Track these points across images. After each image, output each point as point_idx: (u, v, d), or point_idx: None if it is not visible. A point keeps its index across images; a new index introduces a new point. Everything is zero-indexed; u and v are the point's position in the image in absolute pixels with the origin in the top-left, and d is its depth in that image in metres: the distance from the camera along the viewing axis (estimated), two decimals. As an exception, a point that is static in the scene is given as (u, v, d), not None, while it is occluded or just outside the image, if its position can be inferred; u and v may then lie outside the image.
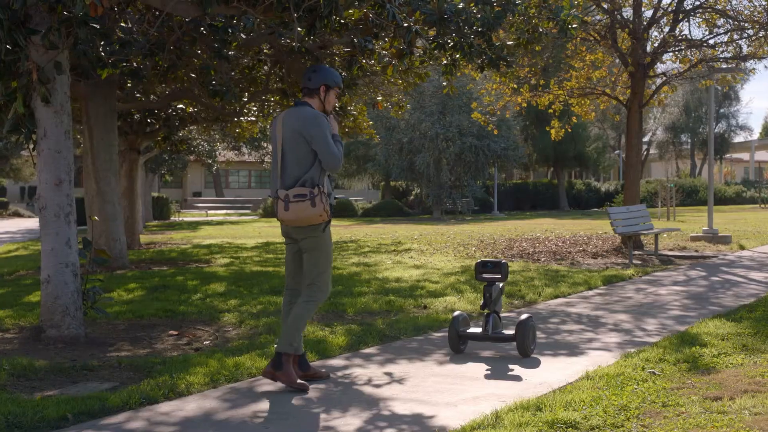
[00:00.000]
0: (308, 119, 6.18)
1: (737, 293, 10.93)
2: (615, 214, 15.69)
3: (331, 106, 6.48)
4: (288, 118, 6.28)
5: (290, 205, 6.06)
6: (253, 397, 6.01)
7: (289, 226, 6.24)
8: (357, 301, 10.22)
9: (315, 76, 6.42)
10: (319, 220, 6.13)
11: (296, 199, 6.07)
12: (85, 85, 14.17)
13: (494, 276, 7.45)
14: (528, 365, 6.93)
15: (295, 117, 6.25)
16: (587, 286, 11.80)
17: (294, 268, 6.49)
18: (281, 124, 6.29)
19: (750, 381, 5.97)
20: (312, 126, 6.14)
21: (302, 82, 6.47)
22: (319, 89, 6.39)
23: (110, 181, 14.59)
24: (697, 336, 7.74)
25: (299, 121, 6.20)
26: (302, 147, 6.16)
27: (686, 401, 5.50)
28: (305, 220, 6.11)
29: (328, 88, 6.43)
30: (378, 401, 5.87)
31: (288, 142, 6.22)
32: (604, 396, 5.63)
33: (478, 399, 5.83)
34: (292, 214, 6.08)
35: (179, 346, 8.02)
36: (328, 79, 6.43)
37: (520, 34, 13.12)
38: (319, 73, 6.45)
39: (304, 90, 6.43)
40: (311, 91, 6.39)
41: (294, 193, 6.08)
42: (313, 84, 6.39)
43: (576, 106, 20.62)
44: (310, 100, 6.39)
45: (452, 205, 40.66)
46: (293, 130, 6.20)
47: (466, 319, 7.56)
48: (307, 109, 6.28)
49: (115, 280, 12.79)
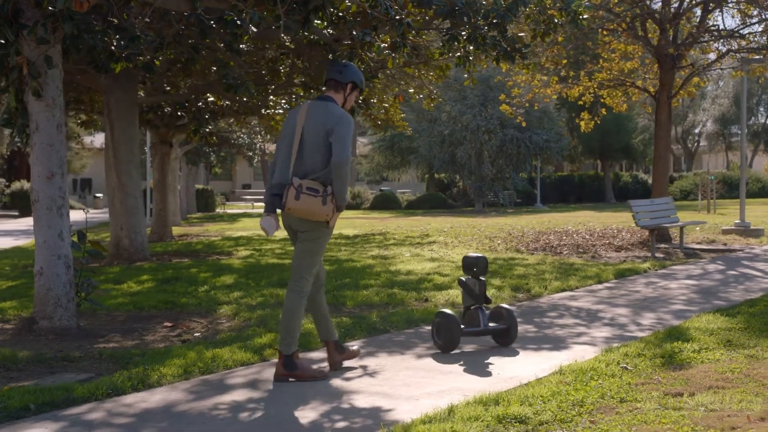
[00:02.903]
0: (336, 115, 6.20)
1: (748, 288, 10.74)
2: (638, 207, 15.52)
3: (350, 105, 6.52)
4: (313, 111, 6.28)
5: (301, 196, 6.06)
6: (220, 390, 6.06)
7: (293, 216, 6.21)
8: (359, 294, 10.22)
9: (346, 71, 6.46)
10: (324, 218, 6.14)
11: (309, 192, 6.08)
12: (106, 79, 14.34)
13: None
14: (506, 359, 6.89)
15: (322, 110, 6.26)
16: (597, 279, 11.68)
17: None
18: (305, 114, 6.28)
19: (718, 377, 5.88)
20: (338, 123, 6.16)
21: (330, 74, 6.47)
22: (347, 85, 6.45)
23: (131, 174, 14.74)
24: (686, 331, 7.63)
25: (327, 115, 6.21)
26: (324, 142, 6.16)
27: (645, 397, 5.43)
28: (311, 214, 6.13)
29: (354, 87, 6.49)
30: (342, 394, 5.89)
31: (309, 134, 6.21)
32: (564, 391, 5.58)
33: (443, 393, 5.81)
34: (302, 204, 6.07)
35: (169, 337, 8.10)
36: (357, 78, 6.49)
37: (535, 25, 13.03)
38: (350, 69, 6.50)
39: (330, 82, 6.44)
40: (338, 85, 6.42)
41: (308, 185, 6.09)
42: (344, 78, 6.42)
43: (607, 98, 20.42)
44: (335, 95, 6.41)
45: (494, 197, 40.44)
46: (318, 123, 6.20)
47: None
48: (335, 105, 6.30)
49: (130, 272, 12.96)
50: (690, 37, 17.10)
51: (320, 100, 6.37)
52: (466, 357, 7.00)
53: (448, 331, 7.14)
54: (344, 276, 12.01)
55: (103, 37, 10.99)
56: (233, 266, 13.61)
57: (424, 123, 40.08)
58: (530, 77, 18.40)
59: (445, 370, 6.57)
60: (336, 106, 6.31)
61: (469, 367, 6.62)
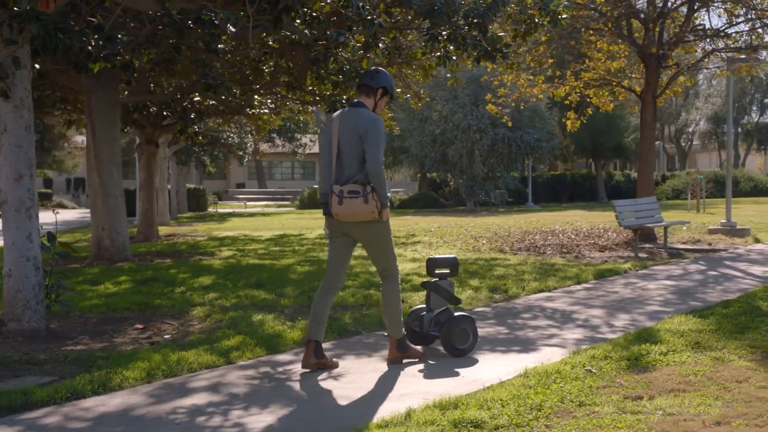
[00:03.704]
0: (369, 119, 6.44)
1: (727, 288, 10.71)
2: (621, 206, 15.47)
3: (380, 109, 6.75)
4: (346, 118, 6.53)
5: (344, 200, 6.35)
6: (181, 393, 6.02)
7: (344, 221, 6.52)
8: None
9: (378, 77, 6.71)
10: (371, 216, 6.40)
11: (350, 195, 6.36)
12: (86, 79, 14.30)
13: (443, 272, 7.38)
14: (473, 362, 6.85)
15: (355, 116, 6.49)
16: (577, 280, 11.64)
17: (338, 265, 6.77)
18: (339, 122, 6.53)
19: (681, 380, 5.85)
20: (370, 127, 6.40)
21: (362, 80, 6.75)
22: (378, 90, 6.67)
23: (113, 174, 14.70)
24: (656, 332, 7.60)
25: (359, 120, 6.45)
26: (359, 146, 6.43)
27: (605, 401, 5.40)
28: (358, 215, 6.40)
29: (385, 93, 6.72)
30: (303, 397, 5.86)
31: (346, 140, 6.48)
32: (525, 394, 5.55)
33: (404, 396, 5.78)
34: (345, 208, 6.36)
35: (138, 339, 8.06)
36: (387, 84, 6.72)
37: (516, 25, 13.01)
38: (381, 75, 6.74)
39: (362, 88, 6.70)
40: (370, 90, 6.66)
41: (348, 189, 6.37)
42: (375, 83, 6.66)
43: (594, 98, 20.39)
44: (366, 100, 6.65)
45: (485, 196, 40.40)
46: (351, 130, 6.45)
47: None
48: (366, 110, 6.54)
49: (109, 272, 12.91)
50: (675, 36, 17.05)
51: (353, 107, 6.61)
52: (435, 359, 6.96)
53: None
54: (322, 277, 11.92)
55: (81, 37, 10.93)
56: (213, 267, 13.57)
57: (415, 122, 40.01)
58: (515, 77, 18.33)
59: (410, 372, 6.54)
60: (367, 110, 6.56)
61: (436, 370, 6.59)
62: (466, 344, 7.06)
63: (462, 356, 6.98)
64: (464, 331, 7.05)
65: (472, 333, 7.11)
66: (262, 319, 8.69)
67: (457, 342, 7.00)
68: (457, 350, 6.99)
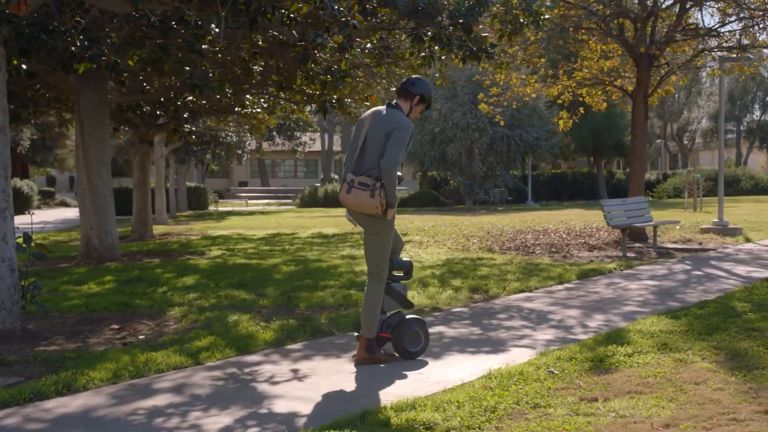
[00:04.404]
0: (399, 121, 6.71)
1: (708, 288, 10.71)
2: (609, 206, 15.49)
3: (414, 115, 7.02)
4: (379, 115, 6.82)
5: (352, 190, 6.63)
6: (144, 394, 6.05)
7: (350, 209, 6.85)
8: (314, 296, 10.20)
9: (419, 84, 6.97)
10: (375, 210, 6.62)
11: (360, 186, 6.61)
12: (75, 79, 14.34)
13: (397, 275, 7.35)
14: (439, 363, 6.88)
15: (388, 116, 6.78)
16: (559, 280, 11.66)
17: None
18: (371, 118, 6.82)
19: (639, 382, 5.86)
20: (398, 128, 6.66)
21: (404, 85, 6.98)
22: (415, 97, 6.93)
23: (102, 173, 14.74)
24: (626, 333, 7.61)
25: (389, 120, 6.73)
26: (383, 143, 6.69)
27: (560, 402, 5.42)
28: (361, 207, 6.65)
29: (422, 100, 6.98)
30: (263, 399, 5.88)
31: (373, 136, 6.74)
32: (482, 396, 5.57)
33: (365, 398, 5.82)
34: (352, 197, 6.65)
35: (112, 340, 8.09)
36: (425, 92, 6.98)
37: (502, 25, 13.02)
38: (421, 83, 6.99)
39: (402, 92, 6.96)
40: (408, 95, 6.93)
41: (359, 180, 6.63)
42: (415, 90, 6.93)
43: (586, 97, 20.40)
44: (402, 103, 6.92)
45: (485, 195, 40.40)
46: (380, 126, 6.72)
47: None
48: (399, 112, 6.82)
49: (96, 272, 12.96)
50: (665, 35, 17.03)
51: (388, 107, 6.88)
52: (401, 360, 6.97)
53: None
54: (306, 277, 12.00)
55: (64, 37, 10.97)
56: (199, 266, 13.61)
57: (415, 121, 39.98)
58: (506, 76, 18.34)
59: (375, 374, 6.57)
60: (400, 113, 6.83)
61: (400, 372, 6.61)
62: (418, 347, 7.02)
63: (413, 359, 6.95)
64: (416, 333, 7.01)
65: (423, 336, 7.06)
66: (238, 319, 8.71)
67: (408, 345, 6.96)
68: (408, 353, 6.96)
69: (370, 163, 6.72)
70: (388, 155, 6.61)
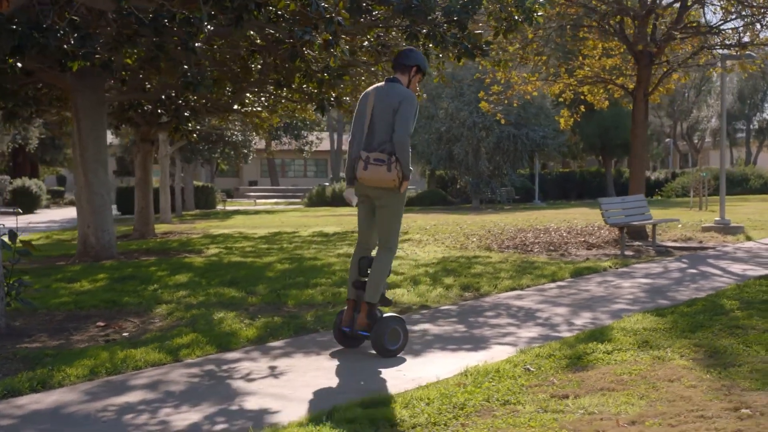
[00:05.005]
0: (403, 94, 6.86)
1: (701, 287, 10.65)
2: (607, 204, 15.43)
3: (414, 86, 7.16)
4: (381, 92, 6.96)
5: (369, 166, 6.79)
6: (118, 391, 6.03)
7: (366, 185, 6.92)
8: (303, 294, 10.18)
9: (412, 55, 7.15)
10: (392, 184, 6.80)
11: (376, 162, 6.78)
12: (71, 78, 14.35)
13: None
14: (419, 360, 6.85)
15: (390, 90, 6.93)
16: (552, 278, 11.61)
17: (366, 225, 7.24)
18: (373, 96, 6.97)
19: (614, 379, 5.82)
20: (404, 101, 6.81)
21: (398, 59, 7.16)
22: (412, 68, 7.09)
23: (99, 172, 14.76)
24: (609, 331, 7.57)
25: (394, 94, 6.88)
26: (391, 118, 6.83)
27: (530, 399, 5.39)
28: (380, 181, 6.81)
29: (418, 71, 7.14)
30: (236, 396, 5.86)
31: (378, 112, 6.89)
32: (452, 393, 5.54)
33: (338, 395, 5.79)
34: (369, 173, 6.80)
35: (96, 337, 8.09)
36: (421, 62, 7.15)
37: (497, 22, 12.99)
38: (415, 54, 7.18)
39: (397, 66, 7.12)
40: (404, 68, 7.09)
41: (374, 156, 6.80)
42: (410, 61, 7.09)
43: (588, 95, 20.33)
44: (401, 77, 7.07)
45: (492, 194, 40.34)
46: (385, 102, 6.87)
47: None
48: (400, 85, 6.98)
49: (90, 270, 12.98)
50: (665, 33, 16.96)
51: (388, 82, 7.03)
52: (381, 358, 6.94)
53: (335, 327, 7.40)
54: (299, 275, 11.98)
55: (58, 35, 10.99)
56: (194, 265, 13.60)
57: (422, 120, 39.98)
58: (506, 74, 18.28)
59: (354, 370, 6.55)
60: (401, 86, 6.98)
61: (379, 369, 6.58)
62: (397, 345, 6.98)
63: (392, 357, 6.91)
64: (395, 331, 6.96)
65: (402, 333, 7.02)
66: (223, 317, 8.70)
67: (388, 343, 6.91)
68: (388, 351, 6.91)
69: (381, 139, 6.87)
70: (399, 128, 6.77)
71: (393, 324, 6.98)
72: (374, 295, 6.99)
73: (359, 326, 6.99)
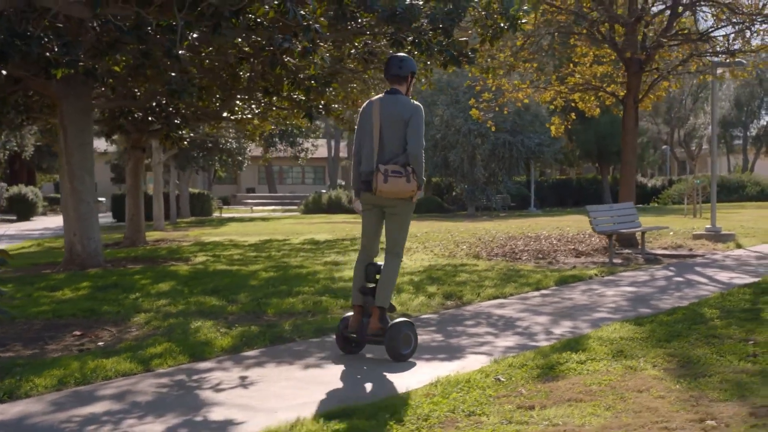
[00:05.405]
0: (411, 106, 7.01)
1: (685, 295, 10.59)
2: (595, 212, 15.37)
3: (410, 92, 7.25)
4: (387, 104, 7.04)
5: (389, 179, 6.90)
6: (85, 402, 5.98)
7: (383, 197, 7.03)
8: (284, 302, 10.14)
9: (404, 65, 7.18)
10: (411, 194, 7.01)
11: (394, 174, 6.90)
12: (57, 85, 14.31)
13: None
14: (392, 370, 6.79)
15: (395, 103, 7.03)
16: (536, 286, 11.56)
17: (373, 233, 7.38)
18: (378, 109, 7.04)
19: (582, 389, 5.77)
20: (414, 113, 6.97)
21: (392, 71, 7.18)
22: (408, 76, 7.17)
23: (84, 180, 14.71)
24: (585, 340, 7.52)
25: (402, 107, 7.00)
26: (402, 131, 6.96)
27: (496, 410, 5.33)
28: (399, 192, 6.95)
29: (413, 75, 7.24)
30: (203, 406, 5.80)
31: (387, 125, 6.99)
32: (418, 404, 5.50)
33: (306, 405, 5.72)
34: (390, 186, 6.91)
35: (70, 347, 8.04)
36: (414, 67, 7.26)
37: (483, 30, 12.99)
38: (407, 61, 7.20)
39: (393, 78, 7.18)
40: (401, 79, 7.16)
41: (392, 168, 6.91)
42: (404, 72, 7.16)
43: (579, 102, 20.30)
44: (400, 87, 7.15)
45: (487, 201, 40.30)
46: (393, 115, 6.97)
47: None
48: (405, 97, 7.10)
49: (75, 278, 12.93)
50: (653, 40, 16.92)
51: (390, 94, 7.11)
52: (356, 367, 6.90)
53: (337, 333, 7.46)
54: (283, 283, 11.92)
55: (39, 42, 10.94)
56: (179, 273, 13.55)
57: (417, 126, 39.97)
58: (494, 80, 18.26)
59: (324, 380, 6.49)
60: (406, 97, 7.12)
61: (350, 378, 6.54)
62: (409, 349, 7.14)
63: (405, 361, 7.03)
64: (407, 336, 7.13)
65: (413, 337, 7.20)
66: (200, 326, 8.63)
67: (402, 347, 7.06)
68: (401, 355, 7.05)
69: (393, 151, 6.99)
70: (413, 141, 6.93)
71: (405, 329, 7.14)
72: (385, 300, 7.14)
73: (371, 330, 7.08)
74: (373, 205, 7.23)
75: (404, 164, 6.95)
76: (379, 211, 7.25)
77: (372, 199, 7.19)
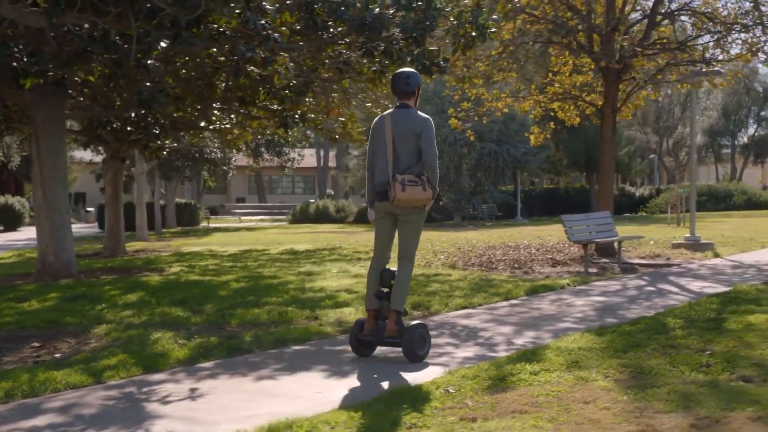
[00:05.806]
0: (423, 119, 7.41)
1: (654, 304, 10.54)
2: (570, 221, 15.34)
3: (417, 104, 7.63)
4: (398, 119, 7.40)
5: (407, 187, 7.23)
6: (30, 414, 5.92)
7: (400, 205, 7.36)
8: (248, 313, 10.07)
9: (411, 81, 7.55)
10: (426, 202, 7.39)
11: (411, 183, 7.25)
12: (30, 95, 14.25)
13: None
14: (343, 382, 6.74)
15: (407, 118, 7.39)
16: (505, 296, 11.51)
17: (387, 240, 7.71)
18: (390, 123, 7.38)
19: (529, 401, 5.72)
20: (425, 126, 7.36)
21: (399, 88, 7.55)
22: (415, 91, 7.55)
23: (57, 190, 14.64)
24: (542, 351, 7.46)
25: (413, 121, 7.37)
26: (414, 143, 7.33)
27: (438, 423, 5.28)
28: (416, 201, 7.32)
29: (419, 89, 7.62)
30: (147, 419, 5.74)
31: (400, 138, 7.33)
32: (359, 416, 5.44)
33: (251, 418, 5.66)
34: (407, 194, 7.25)
35: (26, 359, 7.98)
36: (419, 82, 7.65)
37: (455, 39, 12.98)
38: (413, 77, 7.58)
39: (401, 94, 7.55)
40: (408, 94, 7.53)
41: (408, 178, 7.26)
42: (411, 87, 7.54)
43: (559, 111, 20.29)
44: (408, 102, 7.51)
45: (474, 210, 40.28)
46: (405, 129, 7.33)
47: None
48: (415, 111, 7.48)
49: (44, 289, 12.87)
50: (627, 50, 16.91)
51: (401, 109, 7.47)
52: (309, 379, 6.84)
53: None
54: (251, 293, 11.86)
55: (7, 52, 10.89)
56: (149, 283, 13.48)
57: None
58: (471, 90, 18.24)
59: (274, 393, 6.42)
60: (416, 111, 7.51)
61: (301, 391, 6.47)
62: (425, 350, 7.44)
63: (420, 361, 7.29)
64: (422, 337, 7.43)
65: (428, 339, 7.52)
66: (159, 337, 8.57)
67: (418, 348, 7.35)
68: (418, 356, 7.33)
69: (408, 162, 7.33)
70: (428, 153, 7.34)
71: (420, 331, 7.44)
72: (401, 304, 7.45)
73: (389, 333, 7.37)
74: (387, 213, 7.55)
75: (419, 174, 7.31)
76: (393, 219, 7.59)
77: (387, 208, 7.51)
